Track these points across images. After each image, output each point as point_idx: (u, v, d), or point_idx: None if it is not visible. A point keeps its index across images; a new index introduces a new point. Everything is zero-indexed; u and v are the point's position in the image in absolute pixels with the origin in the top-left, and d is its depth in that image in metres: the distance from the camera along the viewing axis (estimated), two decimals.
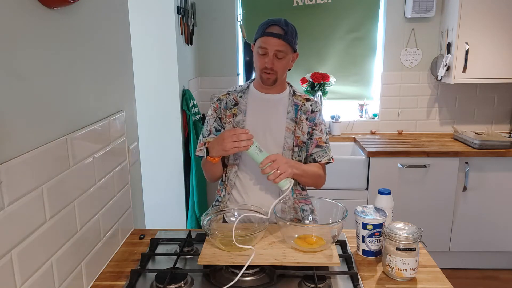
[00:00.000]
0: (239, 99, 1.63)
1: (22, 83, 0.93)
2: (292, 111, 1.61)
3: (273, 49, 1.49)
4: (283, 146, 1.59)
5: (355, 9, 3.33)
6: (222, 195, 1.66)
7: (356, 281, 1.22)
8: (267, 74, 1.53)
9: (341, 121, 3.39)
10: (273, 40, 1.49)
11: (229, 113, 1.62)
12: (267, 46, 1.50)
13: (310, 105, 1.64)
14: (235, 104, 1.62)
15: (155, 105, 2.67)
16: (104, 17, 1.40)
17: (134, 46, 1.84)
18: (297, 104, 1.62)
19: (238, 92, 1.65)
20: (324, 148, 1.65)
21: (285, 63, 1.55)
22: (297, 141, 1.59)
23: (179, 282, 1.21)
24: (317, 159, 1.63)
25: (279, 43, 1.49)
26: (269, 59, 1.51)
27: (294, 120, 1.60)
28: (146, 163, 2.13)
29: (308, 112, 1.62)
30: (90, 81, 1.28)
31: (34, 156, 0.97)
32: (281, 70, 1.54)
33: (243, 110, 1.61)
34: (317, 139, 1.63)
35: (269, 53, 1.50)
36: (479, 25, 2.89)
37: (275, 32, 1.49)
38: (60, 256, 1.09)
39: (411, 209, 2.92)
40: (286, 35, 1.49)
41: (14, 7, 0.91)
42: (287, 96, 1.64)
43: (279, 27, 1.50)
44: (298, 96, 1.64)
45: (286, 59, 1.54)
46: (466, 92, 3.33)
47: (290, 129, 1.59)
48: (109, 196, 1.41)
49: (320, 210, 1.50)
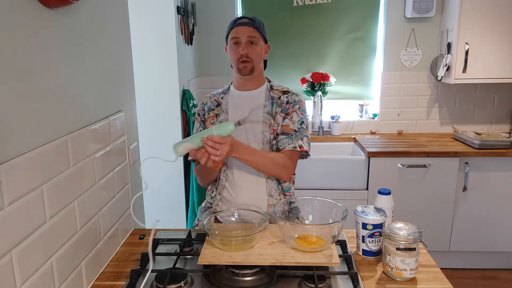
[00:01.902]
0: (221, 99, 1.69)
1: (22, 83, 0.93)
2: (268, 105, 1.63)
3: (245, 36, 1.56)
4: (262, 140, 1.61)
5: (355, 9, 3.33)
6: (213, 195, 1.68)
7: (356, 281, 1.22)
8: (243, 63, 1.57)
9: (341, 121, 3.39)
10: (243, 28, 1.57)
11: (212, 114, 1.67)
12: (238, 35, 1.57)
13: (286, 97, 1.66)
14: (217, 105, 1.68)
15: (155, 105, 2.67)
16: (104, 17, 1.40)
17: (134, 46, 1.84)
18: (273, 97, 1.65)
19: (220, 94, 1.71)
20: (291, 136, 1.59)
21: (259, 51, 1.60)
22: (274, 134, 1.61)
23: (179, 282, 1.21)
24: (281, 146, 1.59)
25: (249, 30, 1.57)
26: (243, 46, 1.56)
27: (270, 114, 1.62)
28: (146, 163, 2.13)
29: (283, 104, 1.64)
30: (90, 81, 1.28)
31: (34, 156, 0.97)
32: (256, 57, 1.58)
33: (224, 109, 1.66)
34: (284, 126, 1.61)
35: (241, 40, 1.57)
36: (479, 25, 2.89)
37: (243, 22, 1.58)
38: (60, 256, 1.09)
39: (411, 209, 2.92)
40: (255, 23, 1.59)
41: (14, 7, 0.91)
42: (265, 91, 1.67)
43: (246, 18, 1.60)
44: (275, 90, 1.67)
45: (259, 46, 1.59)
46: (466, 92, 3.33)
47: (266, 123, 1.61)
48: (109, 196, 1.41)
49: (320, 210, 1.50)
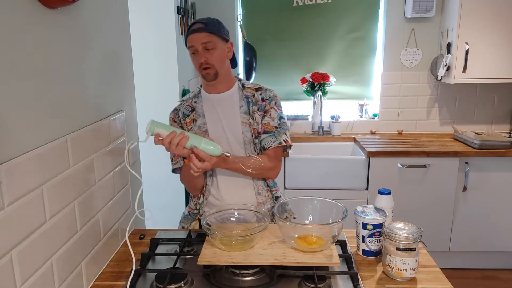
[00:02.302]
0: (195, 104, 1.64)
1: (22, 83, 0.93)
2: (244, 104, 1.61)
3: (199, 43, 1.50)
4: (243, 140, 1.60)
5: (355, 9, 3.33)
6: (201, 201, 1.67)
7: (356, 281, 1.22)
8: (205, 69, 1.53)
9: (341, 121, 3.39)
10: (195, 35, 1.51)
11: (189, 119, 1.63)
12: (193, 43, 1.51)
13: (260, 94, 1.63)
14: (192, 110, 1.64)
15: (155, 105, 2.67)
16: (104, 17, 1.40)
17: (134, 46, 1.84)
18: (247, 96, 1.62)
19: (192, 98, 1.66)
20: (273, 133, 1.59)
21: (219, 54, 1.53)
22: (255, 133, 1.60)
23: (179, 282, 1.21)
24: (266, 145, 1.59)
25: (203, 36, 1.50)
26: (200, 54, 1.51)
27: (248, 113, 1.60)
28: (146, 163, 2.13)
29: (258, 102, 1.62)
30: (90, 81, 1.28)
31: (34, 156, 0.97)
32: (217, 61, 1.53)
33: (201, 114, 1.62)
34: (265, 125, 1.61)
35: (198, 48, 1.51)
36: (479, 25, 2.89)
37: (195, 28, 1.51)
38: (60, 256, 1.09)
39: (411, 209, 2.92)
40: (207, 26, 1.51)
41: (14, 7, 0.91)
42: (237, 91, 1.63)
43: (199, 23, 1.52)
44: (248, 88, 1.64)
45: (218, 49, 1.53)
46: (466, 92, 3.33)
47: (245, 123, 1.60)
48: (109, 196, 1.41)
49: (320, 210, 1.50)
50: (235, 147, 1.60)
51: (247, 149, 1.61)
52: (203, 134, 1.49)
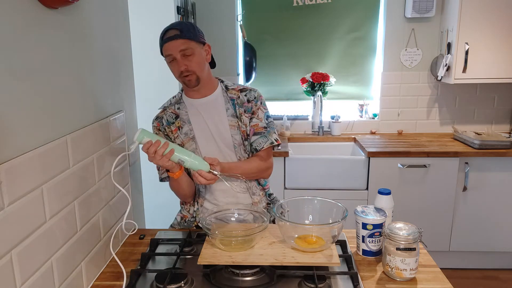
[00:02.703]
0: (178, 110, 1.60)
1: (22, 83, 0.93)
2: (230, 107, 1.58)
3: (177, 50, 1.45)
4: (233, 144, 1.58)
5: (355, 9, 3.33)
6: (196, 209, 1.65)
7: (356, 281, 1.22)
8: (186, 77, 1.48)
9: (341, 121, 3.39)
10: (172, 43, 1.45)
11: (174, 127, 1.59)
12: (171, 52, 1.45)
13: (245, 95, 1.60)
14: (176, 117, 1.59)
15: (155, 105, 2.66)
16: (104, 17, 1.40)
17: (134, 46, 1.84)
18: (232, 98, 1.59)
19: (174, 104, 1.61)
20: (263, 134, 1.59)
21: (198, 59, 1.49)
22: (244, 135, 1.58)
23: (179, 282, 1.21)
24: (258, 147, 1.59)
25: (179, 43, 1.45)
26: (179, 62, 1.46)
27: (235, 116, 1.58)
28: (146, 163, 2.13)
29: (244, 103, 1.59)
30: (90, 81, 1.28)
31: (34, 156, 0.97)
32: (197, 67, 1.49)
33: (186, 120, 1.58)
34: (254, 126, 1.59)
35: (176, 56, 1.46)
36: (479, 25, 2.89)
37: (170, 36, 1.45)
38: (60, 256, 1.09)
39: (411, 209, 2.92)
40: (182, 33, 1.45)
41: (14, 7, 0.91)
42: (221, 94, 1.60)
43: (173, 29, 1.46)
44: (232, 90, 1.60)
45: (197, 54, 1.48)
46: (466, 92, 3.33)
47: (234, 126, 1.57)
48: (109, 196, 1.41)
49: (320, 210, 1.50)
50: (225, 152, 1.58)
51: (237, 152, 1.58)
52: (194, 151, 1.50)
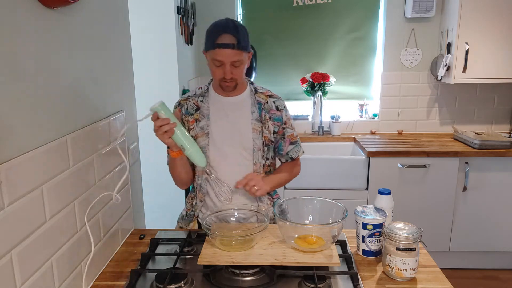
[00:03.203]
0: (200, 103, 1.58)
1: (22, 83, 0.93)
2: (256, 110, 1.57)
3: (229, 60, 1.42)
4: (253, 147, 1.56)
5: (355, 9, 3.33)
6: (194, 203, 1.65)
7: (356, 281, 1.22)
8: (226, 82, 1.48)
9: (341, 121, 3.39)
10: (227, 51, 1.40)
11: (192, 118, 1.57)
12: (222, 59, 1.41)
13: (274, 101, 1.60)
14: (196, 109, 1.57)
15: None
16: (104, 17, 1.40)
17: (134, 46, 1.84)
18: (260, 102, 1.58)
19: (198, 96, 1.59)
20: (297, 142, 1.67)
21: (243, 68, 1.49)
22: (266, 141, 1.58)
23: (179, 282, 1.21)
24: (294, 155, 1.66)
25: (234, 53, 1.41)
26: (227, 70, 1.44)
27: (260, 120, 1.57)
28: (146, 163, 2.13)
29: (272, 110, 1.58)
30: (90, 81, 1.28)
31: (34, 156, 0.97)
32: (240, 75, 1.49)
33: (206, 114, 1.56)
34: (290, 137, 1.64)
35: (225, 64, 1.43)
36: (479, 25, 2.89)
37: (228, 43, 1.39)
38: (60, 256, 1.09)
39: (411, 209, 2.92)
40: (239, 43, 1.41)
41: (14, 7, 0.91)
42: (249, 96, 1.59)
43: (230, 36, 1.40)
44: (260, 93, 1.60)
45: (244, 64, 1.48)
46: (466, 92, 3.33)
47: (257, 130, 1.56)
48: (109, 196, 1.41)
49: (320, 210, 1.50)
50: (241, 153, 1.56)
51: (254, 157, 1.57)
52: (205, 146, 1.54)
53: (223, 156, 1.56)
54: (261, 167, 1.59)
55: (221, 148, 1.56)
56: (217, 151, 1.56)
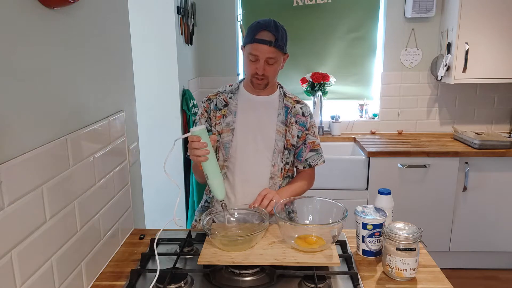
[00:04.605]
0: (229, 100, 1.61)
1: (22, 83, 0.93)
2: (282, 113, 1.60)
3: (264, 56, 1.46)
4: (274, 148, 1.58)
5: (355, 9, 3.33)
6: (211, 196, 1.67)
7: (356, 281, 1.22)
8: (258, 79, 1.52)
9: (341, 121, 3.39)
10: (264, 47, 1.45)
11: (219, 114, 1.59)
12: (258, 54, 1.46)
13: (301, 107, 1.63)
14: (225, 105, 1.60)
15: (155, 105, 2.67)
16: (104, 17, 1.40)
17: (134, 46, 1.84)
18: (287, 106, 1.61)
19: (228, 93, 1.62)
20: (319, 151, 1.67)
21: (277, 68, 1.53)
22: (287, 144, 1.59)
23: (179, 282, 1.21)
24: (312, 163, 1.66)
25: (270, 51, 1.46)
26: (260, 66, 1.48)
27: (284, 123, 1.59)
28: (146, 163, 2.13)
29: (298, 115, 1.61)
30: (90, 81, 1.28)
31: (34, 156, 0.97)
32: (272, 74, 1.53)
33: (233, 111, 1.59)
34: (311, 144, 1.65)
35: (260, 60, 1.47)
36: (479, 25, 2.89)
37: (266, 39, 1.45)
38: (60, 256, 1.09)
39: (411, 209, 2.92)
40: (277, 41, 1.46)
41: (14, 7, 0.91)
42: (278, 98, 1.63)
43: (270, 33, 1.45)
44: (289, 97, 1.64)
45: (278, 63, 1.52)
46: (466, 92, 3.33)
47: (280, 132, 1.58)
48: (109, 196, 1.41)
49: (320, 210, 1.50)
50: (261, 152, 1.57)
51: (274, 158, 1.58)
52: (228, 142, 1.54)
53: (244, 154, 1.57)
54: (279, 169, 1.60)
55: (243, 145, 1.57)
56: (239, 148, 1.57)
